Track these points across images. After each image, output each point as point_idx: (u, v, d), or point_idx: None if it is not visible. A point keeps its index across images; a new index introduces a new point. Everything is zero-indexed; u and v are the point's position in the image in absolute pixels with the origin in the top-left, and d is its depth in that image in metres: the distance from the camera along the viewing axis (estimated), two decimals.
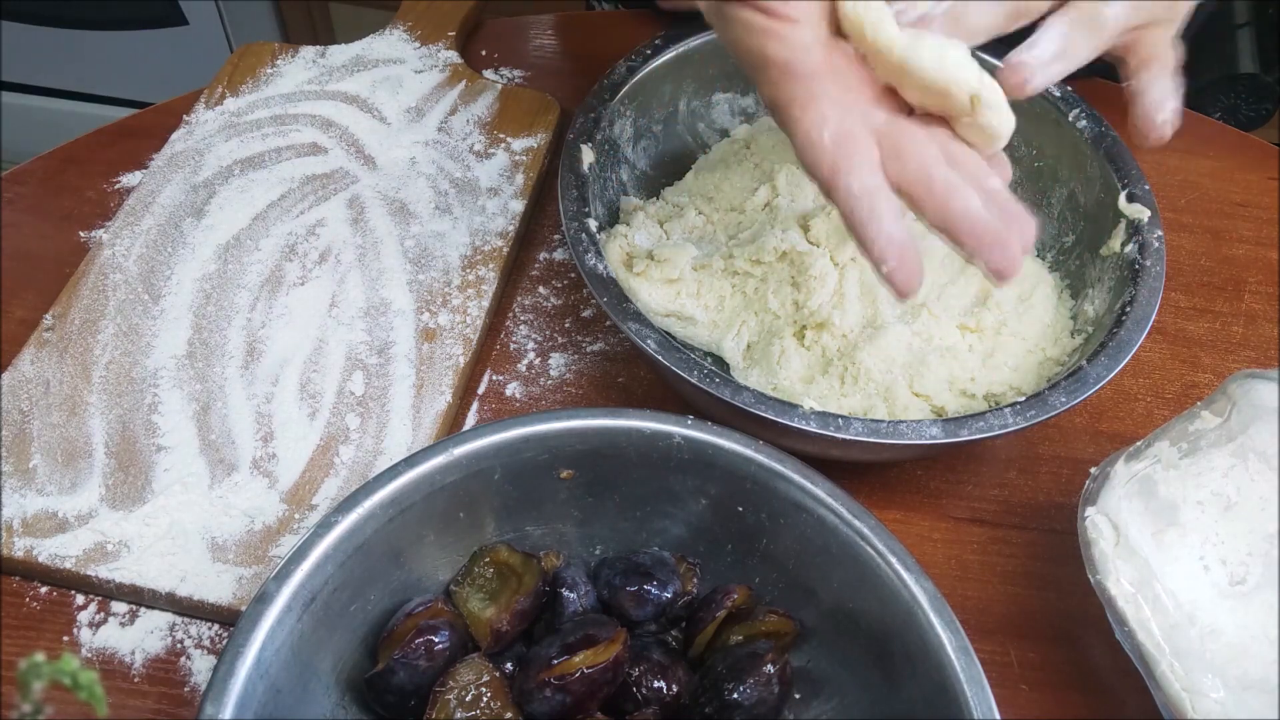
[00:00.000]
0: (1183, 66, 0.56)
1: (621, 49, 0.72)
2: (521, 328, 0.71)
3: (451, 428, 0.64)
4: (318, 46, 0.85)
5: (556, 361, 0.69)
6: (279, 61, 0.83)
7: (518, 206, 0.74)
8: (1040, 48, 0.50)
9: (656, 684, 0.49)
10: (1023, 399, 0.56)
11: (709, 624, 0.51)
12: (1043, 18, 0.51)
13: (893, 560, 0.47)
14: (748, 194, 0.70)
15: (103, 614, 0.57)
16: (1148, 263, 0.62)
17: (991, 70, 0.48)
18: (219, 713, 0.41)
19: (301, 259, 0.70)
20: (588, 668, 0.46)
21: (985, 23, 0.50)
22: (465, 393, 0.66)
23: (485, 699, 0.47)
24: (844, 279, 0.64)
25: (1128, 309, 0.60)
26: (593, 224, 0.62)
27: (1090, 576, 0.51)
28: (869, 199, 0.45)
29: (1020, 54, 0.50)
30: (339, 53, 0.84)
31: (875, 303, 0.64)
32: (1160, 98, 0.53)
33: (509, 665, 0.50)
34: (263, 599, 0.44)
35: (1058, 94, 0.69)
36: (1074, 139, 0.68)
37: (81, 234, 0.73)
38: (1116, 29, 0.51)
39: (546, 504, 0.53)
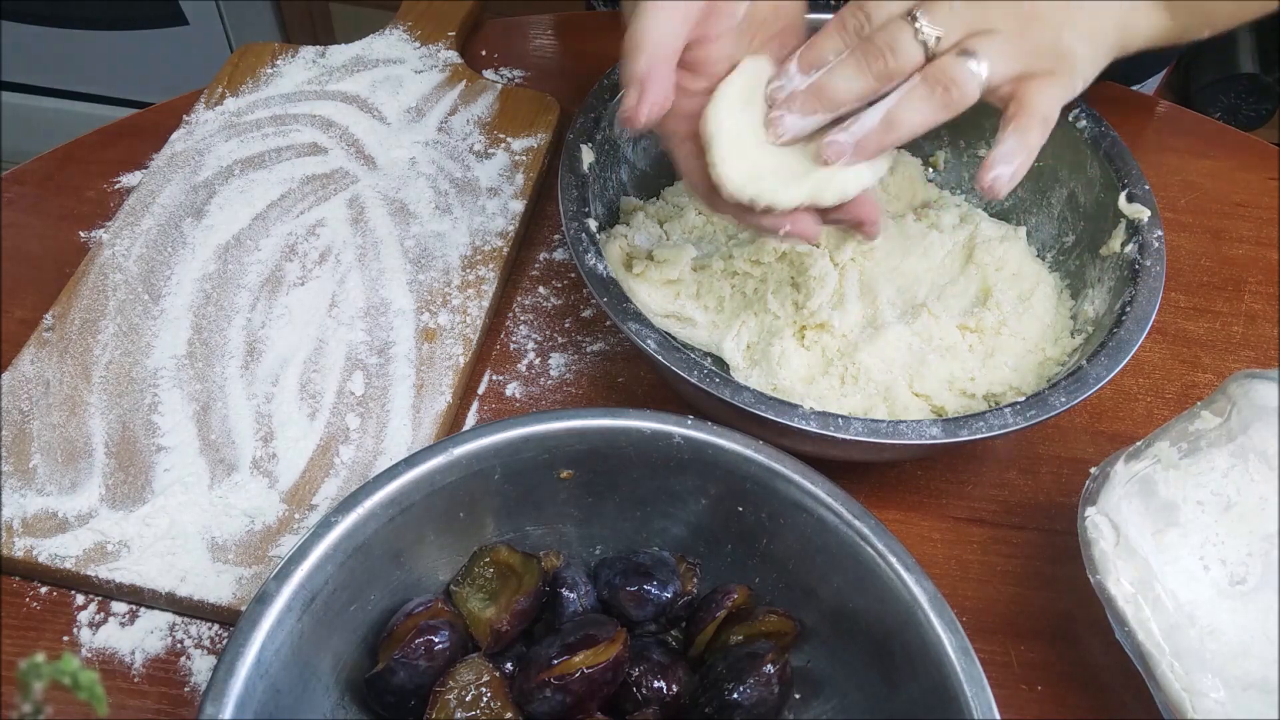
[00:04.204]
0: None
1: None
2: (521, 328, 0.71)
3: (451, 428, 0.64)
4: (318, 46, 0.85)
5: (556, 361, 0.69)
6: (279, 61, 0.83)
7: (518, 206, 0.74)
8: (864, 120, 0.52)
9: (656, 684, 0.49)
10: (1023, 399, 0.56)
11: (709, 624, 0.51)
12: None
13: (893, 560, 0.47)
14: None
15: (103, 614, 0.57)
16: (1148, 263, 0.62)
17: None
18: (219, 713, 0.41)
19: (301, 259, 0.70)
20: (588, 668, 0.46)
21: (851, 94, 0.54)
22: (465, 393, 0.66)
23: (485, 699, 0.47)
24: (844, 279, 0.64)
25: (1128, 309, 0.60)
26: (593, 224, 0.62)
27: (1090, 576, 0.51)
28: None
29: (837, 133, 0.53)
30: (339, 53, 0.84)
31: (875, 303, 0.64)
32: (998, 156, 0.52)
33: (509, 665, 0.50)
34: (263, 599, 0.44)
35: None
36: (1074, 139, 0.68)
37: (81, 234, 0.73)
38: (975, 91, 0.51)
39: (546, 504, 0.53)
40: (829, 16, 0.74)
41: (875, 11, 0.52)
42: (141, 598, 0.56)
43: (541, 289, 0.73)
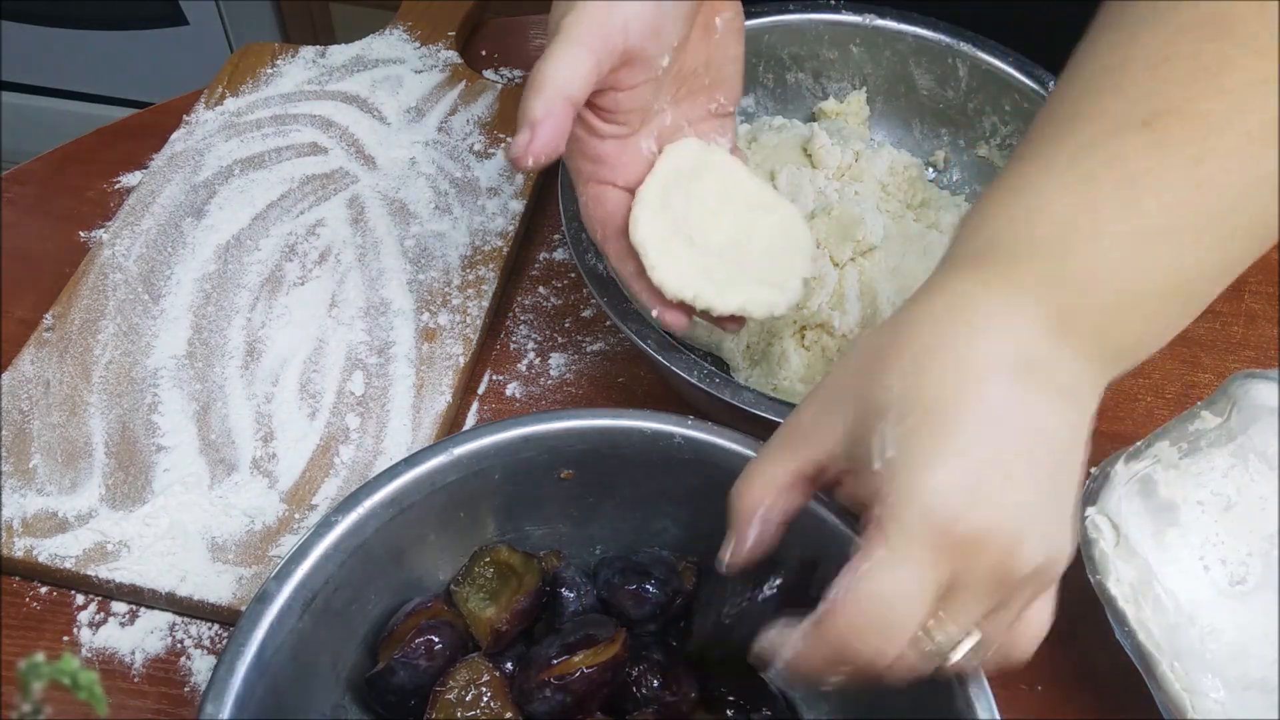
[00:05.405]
0: None
1: None
2: (521, 328, 0.71)
3: (451, 428, 0.64)
4: (318, 46, 0.85)
5: (556, 361, 0.69)
6: (279, 61, 0.83)
7: (518, 206, 0.74)
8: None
9: (656, 684, 0.49)
10: None
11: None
12: None
13: None
14: None
15: (103, 614, 0.57)
16: None
17: None
18: (219, 713, 0.41)
19: (301, 259, 0.70)
20: (587, 667, 0.46)
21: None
22: (465, 393, 0.66)
23: (485, 699, 0.47)
24: (844, 279, 0.64)
25: None
26: None
27: (1090, 576, 0.51)
28: None
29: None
30: (339, 53, 0.84)
31: (875, 303, 0.64)
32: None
33: (509, 665, 0.50)
34: (263, 599, 0.44)
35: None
36: None
37: (81, 234, 0.73)
38: None
39: (546, 504, 0.53)
40: (827, 17, 0.74)
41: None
42: (141, 598, 0.56)
43: (541, 289, 0.73)
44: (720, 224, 0.57)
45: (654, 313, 0.56)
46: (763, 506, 0.43)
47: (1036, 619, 0.41)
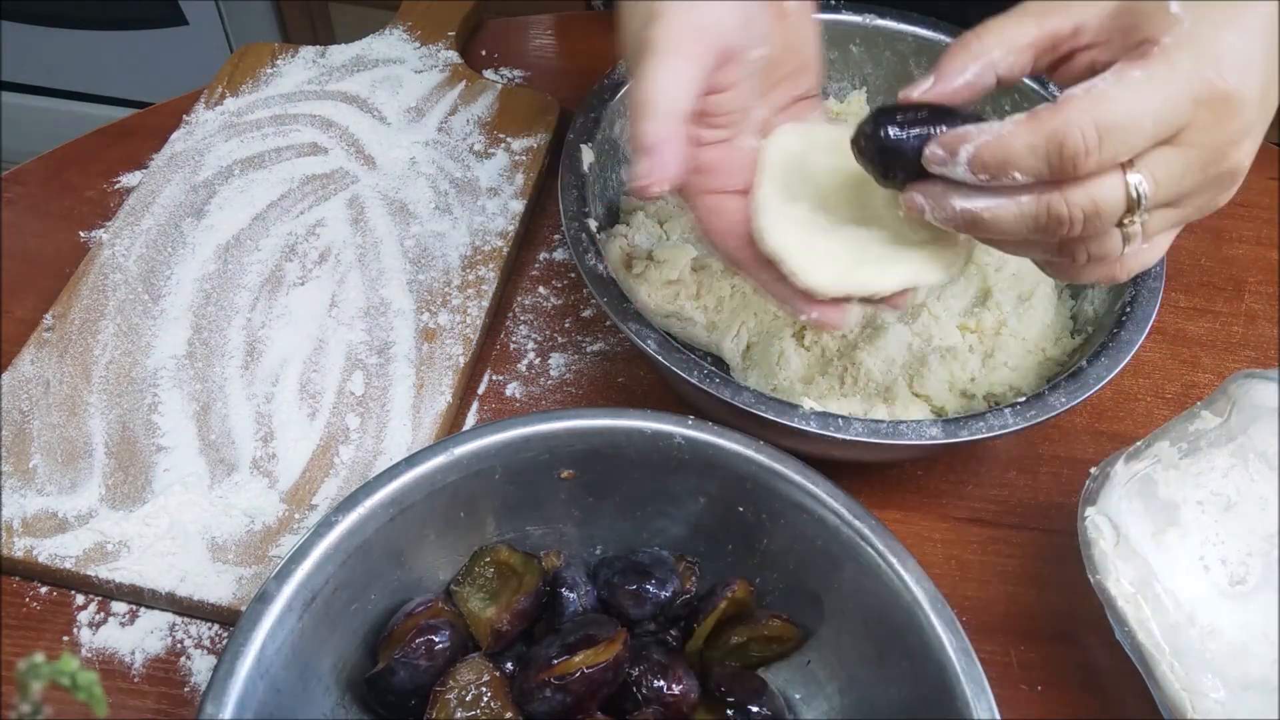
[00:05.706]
0: None
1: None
2: (521, 328, 0.71)
3: (451, 428, 0.64)
4: (318, 46, 0.85)
5: (556, 361, 0.69)
6: (279, 61, 0.83)
7: (518, 206, 0.74)
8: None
9: (656, 683, 0.49)
10: (1023, 399, 0.56)
11: (709, 615, 0.51)
12: None
13: (893, 560, 0.47)
14: None
15: (103, 614, 0.57)
16: None
17: None
18: (219, 713, 0.41)
19: (301, 259, 0.70)
20: (588, 667, 0.46)
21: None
22: (465, 393, 0.66)
23: (485, 699, 0.47)
24: None
25: (1128, 309, 0.60)
26: (593, 224, 0.62)
27: (1090, 576, 0.51)
28: None
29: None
30: (339, 53, 0.84)
31: None
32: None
33: (509, 665, 0.50)
34: (263, 599, 0.44)
35: (1058, 94, 0.69)
36: None
37: (81, 234, 0.73)
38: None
39: (547, 504, 0.53)
40: (827, 17, 0.74)
41: (1101, 204, 0.44)
42: (141, 598, 0.56)
43: (541, 289, 0.73)
44: (854, 199, 0.52)
45: (804, 317, 0.52)
46: (994, 55, 0.47)
47: (1156, 247, 0.48)
